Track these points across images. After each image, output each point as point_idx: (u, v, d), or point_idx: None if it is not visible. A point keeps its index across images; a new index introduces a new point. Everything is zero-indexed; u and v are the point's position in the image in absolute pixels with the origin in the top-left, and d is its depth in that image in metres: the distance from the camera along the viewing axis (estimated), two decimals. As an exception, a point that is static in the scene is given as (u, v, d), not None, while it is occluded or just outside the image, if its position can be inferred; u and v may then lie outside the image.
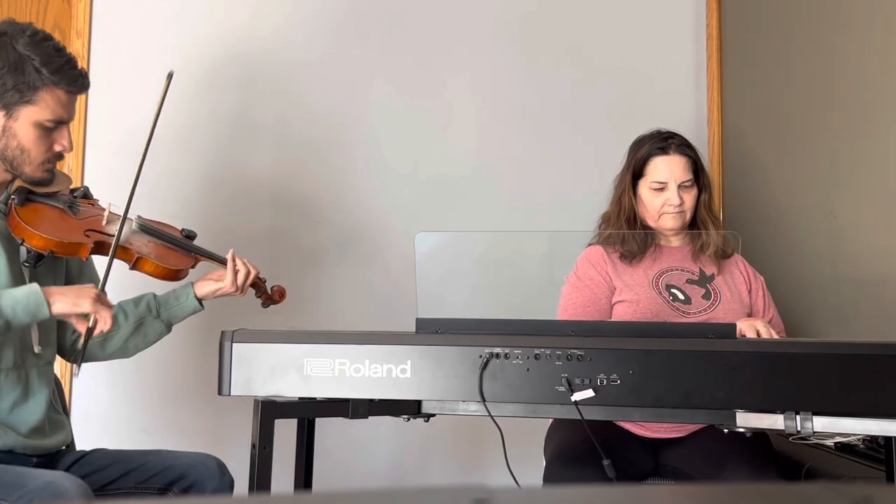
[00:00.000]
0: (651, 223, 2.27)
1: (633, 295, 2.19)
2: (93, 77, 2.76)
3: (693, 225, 2.29)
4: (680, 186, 2.22)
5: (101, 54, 2.81)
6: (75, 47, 2.76)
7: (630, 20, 3.14)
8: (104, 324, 1.69)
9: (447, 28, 3.03)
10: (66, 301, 1.66)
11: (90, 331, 1.69)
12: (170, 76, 1.86)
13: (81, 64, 2.51)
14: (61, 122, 1.78)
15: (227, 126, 2.88)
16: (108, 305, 1.71)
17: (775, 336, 1.99)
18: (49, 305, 1.64)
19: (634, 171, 2.27)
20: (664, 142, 2.24)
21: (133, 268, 1.90)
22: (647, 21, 3.14)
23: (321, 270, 2.91)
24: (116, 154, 2.74)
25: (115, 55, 2.82)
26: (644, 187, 2.26)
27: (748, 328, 1.97)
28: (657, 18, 3.15)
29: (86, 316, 1.69)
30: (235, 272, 1.97)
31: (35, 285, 1.67)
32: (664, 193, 2.22)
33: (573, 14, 3.11)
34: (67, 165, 2.74)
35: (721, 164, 3.09)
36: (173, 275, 1.94)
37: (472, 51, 3.04)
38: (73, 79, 1.78)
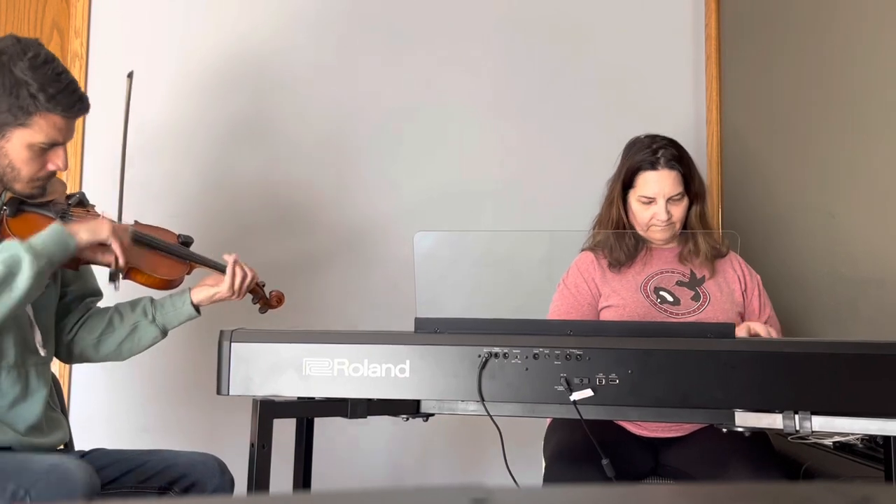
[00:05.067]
0: (641, 233, 2.27)
1: (620, 299, 2.19)
2: (91, 76, 2.78)
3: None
4: (669, 200, 2.20)
5: (99, 53, 2.80)
6: (73, 47, 2.76)
7: (629, 20, 3.14)
8: (120, 254, 1.78)
9: (446, 31, 3.03)
10: (87, 229, 1.75)
11: (116, 259, 1.78)
12: (130, 75, 1.91)
13: (79, 63, 2.50)
14: (56, 144, 1.76)
15: (227, 129, 2.88)
16: (123, 238, 1.80)
17: (773, 333, 1.99)
18: (75, 236, 1.72)
19: (624, 180, 2.25)
20: (654, 155, 2.21)
21: (126, 277, 1.90)
22: (645, 21, 3.14)
23: (320, 271, 2.91)
24: (116, 155, 2.71)
25: (113, 54, 2.81)
26: (633, 198, 2.25)
27: (743, 331, 1.97)
28: (656, 18, 3.15)
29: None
30: (234, 276, 1.96)
31: (56, 223, 1.74)
32: (652, 207, 2.21)
33: (573, 14, 3.11)
34: (66, 165, 2.73)
35: (719, 164, 3.09)
36: (166, 285, 1.93)
37: (471, 52, 3.04)
38: (70, 105, 1.74)
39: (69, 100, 1.74)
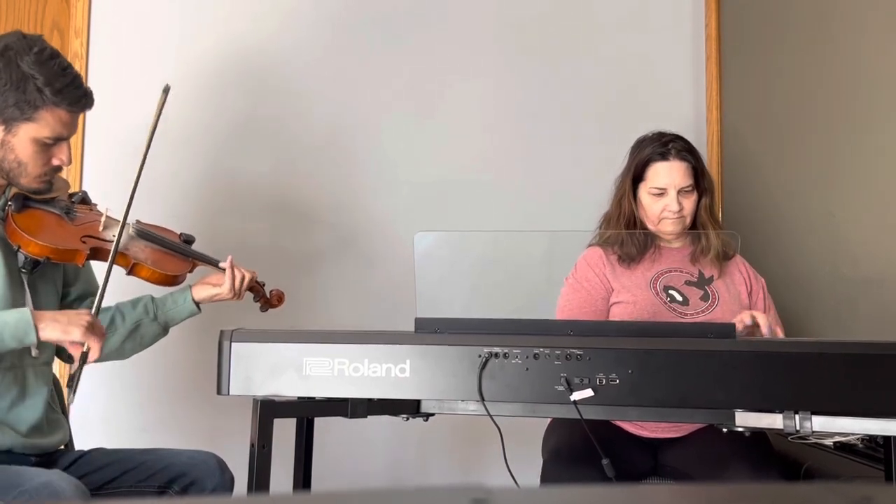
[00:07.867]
0: (651, 227, 2.26)
1: (631, 296, 2.19)
2: (91, 76, 2.78)
3: (694, 228, 2.28)
4: (679, 192, 2.21)
5: (99, 54, 2.80)
6: (73, 47, 2.76)
7: (629, 20, 3.14)
8: (93, 354, 1.68)
9: (447, 31, 3.03)
10: (57, 327, 1.65)
11: (84, 356, 1.68)
12: (166, 90, 1.84)
13: (80, 64, 2.50)
14: (61, 139, 1.78)
15: (227, 128, 2.88)
16: (100, 334, 1.70)
17: (775, 327, 1.97)
18: (37, 331, 1.63)
19: (634, 174, 2.26)
20: (664, 147, 2.22)
21: (130, 273, 1.90)
22: (646, 21, 3.14)
23: (321, 271, 2.91)
24: (115, 154, 2.73)
25: (113, 55, 2.81)
26: (644, 191, 2.25)
27: (746, 316, 1.96)
28: (656, 18, 3.15)
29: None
30: (233, 278, 1.97)
31: (26, 310, 1.66)
32: (663, 199, 2.22)
33: (573, 14, 3.11)
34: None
35: (720, 164, 3.09)
36: (170, 280, 1.94)
37: (471, 52, 3.04)
38: (76, 99, 1.76)
39: (75, 94, 1.76)
